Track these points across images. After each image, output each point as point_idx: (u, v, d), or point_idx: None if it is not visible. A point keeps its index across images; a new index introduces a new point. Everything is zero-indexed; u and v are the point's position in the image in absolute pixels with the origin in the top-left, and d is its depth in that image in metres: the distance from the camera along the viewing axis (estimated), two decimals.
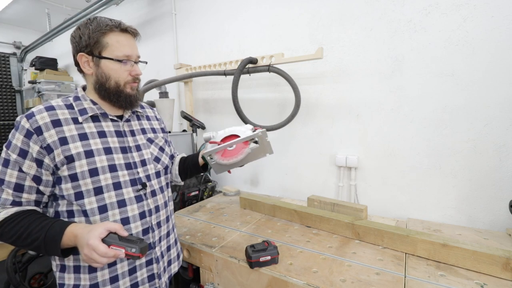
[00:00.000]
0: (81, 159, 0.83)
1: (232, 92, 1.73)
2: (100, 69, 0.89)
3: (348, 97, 1.77)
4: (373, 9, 1.62)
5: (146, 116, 1.10)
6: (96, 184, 0.85)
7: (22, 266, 2.00)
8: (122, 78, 0.91)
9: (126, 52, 0.89)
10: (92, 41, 0.86)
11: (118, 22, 0.90)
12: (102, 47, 0.87)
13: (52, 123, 0.82)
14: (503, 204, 1.38)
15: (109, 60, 0.88)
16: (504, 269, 0.97)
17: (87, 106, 0.90)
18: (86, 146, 0.85)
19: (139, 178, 0.95)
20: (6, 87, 4.28)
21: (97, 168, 0.85)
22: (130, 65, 0.92)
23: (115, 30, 0.88)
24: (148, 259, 0.96)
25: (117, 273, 0.89)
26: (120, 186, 0.89)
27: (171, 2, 2.65)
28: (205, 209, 1.80)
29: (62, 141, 0.82)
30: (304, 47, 1.90)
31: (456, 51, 1.42)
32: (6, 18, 4.32)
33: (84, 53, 0.88)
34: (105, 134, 0.91)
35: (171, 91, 2.57)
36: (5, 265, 1.89)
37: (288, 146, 2.07)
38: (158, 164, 1.04)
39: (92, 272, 0.87)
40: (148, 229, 0.95)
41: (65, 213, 0.86)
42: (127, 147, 0.95)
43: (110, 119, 0.94)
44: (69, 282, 0.87)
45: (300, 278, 1.00)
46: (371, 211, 1.69)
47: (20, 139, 0.80)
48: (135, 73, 0.93)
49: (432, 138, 1.52)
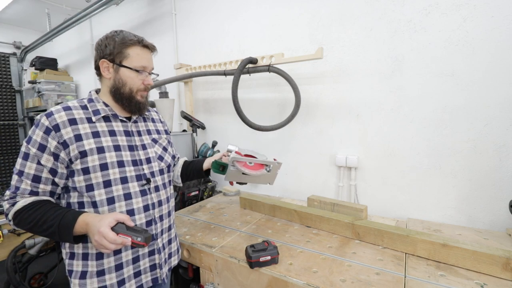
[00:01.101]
0: (93, 154, 0.92)
1: (232, 92, 1.73)
2: (119, 76, 1.00)
3: (348, 97, 1.77)
4: (373, 9, 1.62)
5: (152, 119, 1.19)
6: (106, 177, 0.94)
7: (22, 266, 2.00)
8: (136, 86, 1.02)
9: (143, 64, 1.01)
10: (116, 50, 0.98)
11: (141, 39, 1.02)
12: (123, 57, 0.99)
13: (69, 121, 0.92)
14: (503, 204, 1.38)
15: (128, 69, 0.99)
16: (504, 269, 0.97)
17: (100, 108, 1.00)
18: (98, 143, 0.94)
19: (144, 174, 1.03)
20: (6, 87, 4.28)
21: (107, 163, 0.94)
22: (145, 75, 1.04)
23: (137, 44, 1.00)
24: (151, 250, 1.04)
25: (121, 261, 0.97)
26: (126, 181, 0.98)
27: (171, 2, 2.65)
28: (205, 209, 1.80)
29: (77, 137, 0.91)
30: (304, 47, 1.90)
31: (456, 51, 1.42)
32: (6, 18, 4.31)
33: (106, 60, 0.99)
34: (115, 133, 1.00)
35: (171, 91, 2.57)
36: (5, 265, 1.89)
37: (288, 146, 2.07)
38: (162, 163, 1.13)
39: (99, 259, 0.94)
40: (151, 221, 1.03)
41: (76, 204, 0.95)
42: (134, 145, 1.04)
43: (120, 119, 1.03)
44: (77, 268, 0.95)
45: (300, 278, 1.00)
46: (371, 211, 1.69)
47: (40, 135, 0.88)
48: (147, 82, 1.04)
49: (432, 138, 1.52)
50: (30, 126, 4.33)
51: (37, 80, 3.99)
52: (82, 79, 4.16)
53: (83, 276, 0.94)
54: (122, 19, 3.27)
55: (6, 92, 4.27)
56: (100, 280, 0.94)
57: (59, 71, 4.21)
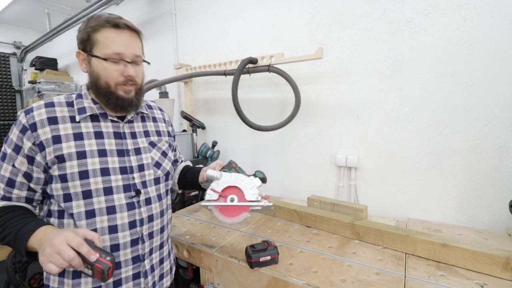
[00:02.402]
0: (72, 160, 0.79)
1: (232, 92, 1.73)
2: (91, 68, 0.84)
3: (348, 97, 1.77)
4: (373, 9, 1.62)
5: (153, 118, 1.04)
6: (86, 187, 0.81)
7: (22, 266, 2.00)
8: (112, 79, 0.83)
9: (116, 49, 0.81)
10: (85, 37, 0.82)
11: (112, 17, 0.82)
12: (92, 44, 0.81)
13: (48, 120, 0.80)
14: (503, 204, 1.38)
15: (98, 58, 0.81)
16: (504, 269, 0.97)
17: (87, 105, 0.86)
18: (80, 146, 0.81)
19: (133, 184, 0.89)
20: (6, 87, 4.28)
21: (88, 171, 0.81)
22: (123, 64, 0.83)
23: (106, 26, 0.81)
24: (136, 272, 0.89)
25: (100, 284, 0.84)
26: (111, 192, 0.84)
27: (171, 2, 2.65)
28: (205, 209, 1.79)
29: (55, 139, 0.79)
30: (304, 47, 1.90)
31: (456, 51, 1.42)
32: (6, 18, 4.32)
33: (81, 51, 0.84)
34: (102, 135, 0.86)
35: (171, 91, 2.57)
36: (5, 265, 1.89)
37: (288, 146, 2.07)
38: (158, 170, 0.97)
39: (76, 278, 0.82)
40: (137, 239, 0.88)
41: (56, 212, 0.83)
42: (124, 150, 0.89)
43: (110, 119, 0.89)
44: (53, 284, 0.84)
45: (300, 278, 1.00)
46: (371, 211, 1.69)
47: (16, 134, 0.79)
48: (127, 73, 0.84)
49: (432, 138, 1.52)
50: None
51: (37, 80, 3.99)
52: (82, 79, 4.16)
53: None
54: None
55: (6, 92, 4.27)
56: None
57: (59, 71, 4.21)
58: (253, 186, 1.00)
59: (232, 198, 0.99)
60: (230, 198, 0.99)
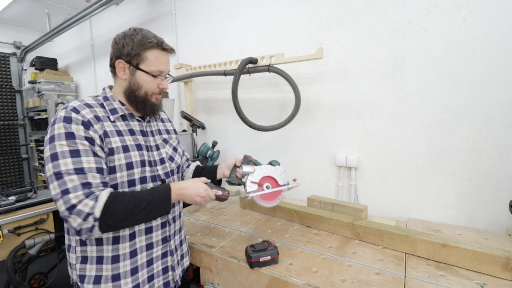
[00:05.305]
0: (119, 153, 0.91)
1: (232, 92, 1.73)
2: (134, 78, 0.96)
3: (348, 97, 1.77)
4: (373, 9, 1.62)
5: (161, 119, 1.19)
6: (130, 177, 0.93)
7: (22, 266, 1.99)
8: (151, 90, 0.99)
9: (161, 68, 0.98)
10: (134, 52, 0.93)
11: (161, 41, 0.98)
12: (141, 60, 0.95)
13: (95, 118, 0.89)
14: (503, 204, 1.38)
15: (144, 72, 0.96)
16: (504, 269, 0.97)
17: (116, 106, 0.97)
18: (123, 141, 0.93)
19: (158, 175, 1.02)
20: (6, 87, 4.27)
21: (132, 162, 0.93)
22: (161, 79, 1.00)
23: (156, 47, 0.96)
24: (164, 251, 1.03)
25: (137, 264, 0.95)
26: (145, 181, 0.97)
27: (171, 2, 2.66)
28: (205, 209, 1.80)
29: (105, 134, 0.90)
30: (304, 47, 1.90)
31: (456, 51, 1.42)
32: (6, 18, 4.32)
33: (123, 61, 0.95)
34: (134, 132, 0.99)
35: (171, 91, 2.57)
36: (5, 265, 1.89)
37: (288, 146, 2.07)
38: (172, 163, 1.12)
39: (115, 263, 0.91)
40: (165, 222, 1.04)
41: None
42: (149, 146, 1.03)
43: (136, 119, 1.02)
44: (90, 273, 0.90)
45: (300, 278, 1.00)
46: (371, 211, 1.69)
47: (81, 129, 0.84)
48: (162, 86, 1.01)
49: (432, 138, 1.52)
50: (30, 126, 4.31)
51: (37, 80, 3.99)
52: (82, 79, 4.16)
53: (98, 281, 0.89)
54: (122, 19, 3.27)
55: (6, 92, 4.27)
56: (115, 285, 0.90)
57: (59, 71, 4.21)
58: (281, 173, 1.20)
59: (268, 185, 1.18)
60: (266, 186, 1.18)
